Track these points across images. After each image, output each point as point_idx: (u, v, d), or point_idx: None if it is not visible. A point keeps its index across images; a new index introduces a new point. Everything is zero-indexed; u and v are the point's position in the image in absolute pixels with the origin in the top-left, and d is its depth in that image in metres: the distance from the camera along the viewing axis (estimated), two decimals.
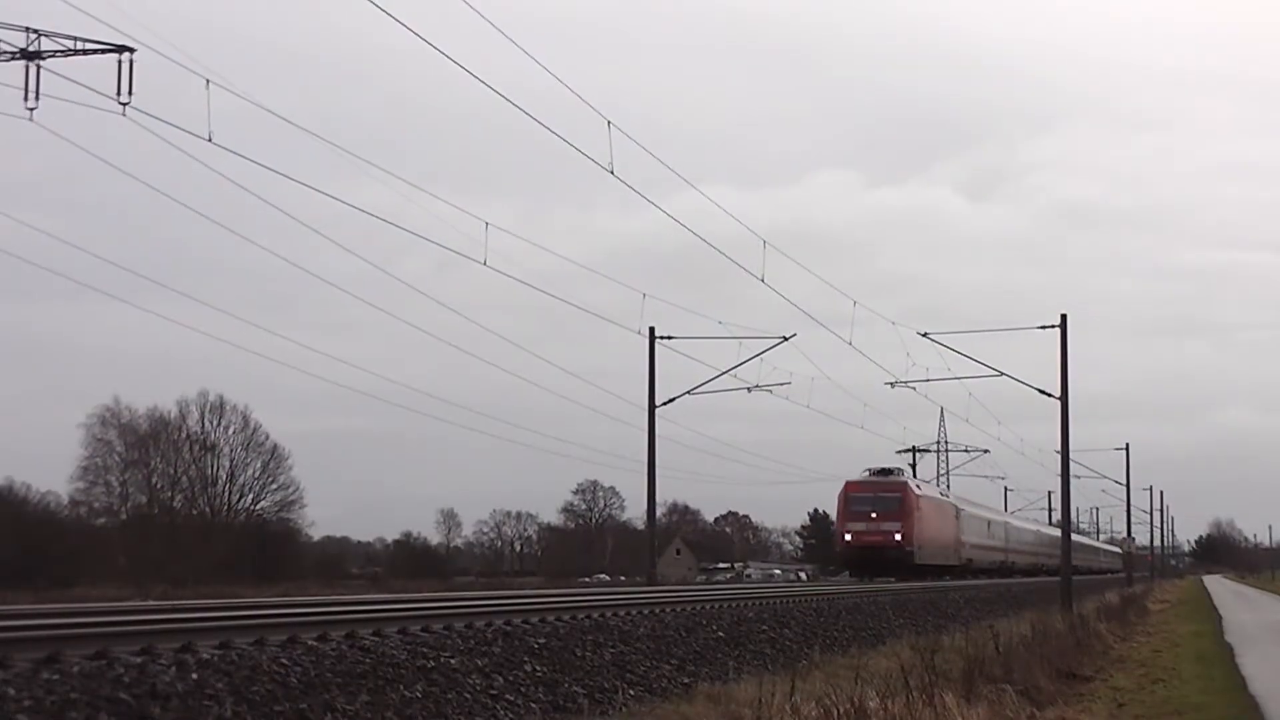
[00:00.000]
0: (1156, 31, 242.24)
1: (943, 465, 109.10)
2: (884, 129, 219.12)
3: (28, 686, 9.30)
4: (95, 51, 27.71)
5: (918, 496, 55.29)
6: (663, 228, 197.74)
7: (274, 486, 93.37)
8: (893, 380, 48.37)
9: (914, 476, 65.08)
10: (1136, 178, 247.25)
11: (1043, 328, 42.23)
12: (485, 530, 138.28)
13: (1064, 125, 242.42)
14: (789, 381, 47.51)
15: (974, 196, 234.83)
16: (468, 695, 13.20)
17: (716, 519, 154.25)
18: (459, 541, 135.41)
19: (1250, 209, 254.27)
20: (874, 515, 52.24)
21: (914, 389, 48.75)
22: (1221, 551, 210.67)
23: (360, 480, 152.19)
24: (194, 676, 10.54)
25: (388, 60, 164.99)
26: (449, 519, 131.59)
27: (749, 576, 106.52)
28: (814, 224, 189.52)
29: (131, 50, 26.87)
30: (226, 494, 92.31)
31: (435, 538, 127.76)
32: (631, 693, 15.72)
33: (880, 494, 53.46)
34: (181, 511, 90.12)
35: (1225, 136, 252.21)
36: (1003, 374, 44.16)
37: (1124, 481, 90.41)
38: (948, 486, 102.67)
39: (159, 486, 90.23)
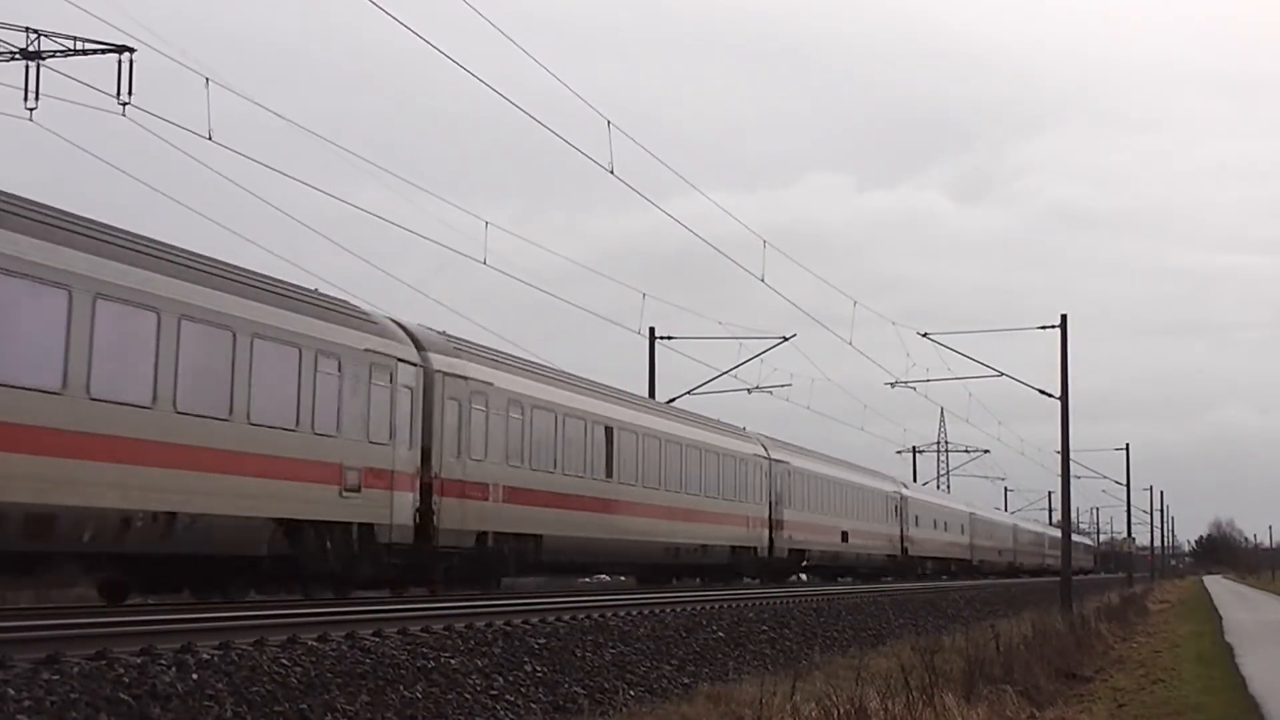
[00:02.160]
0: (1152, 31, 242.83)
1: (943, 465, 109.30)
2: (876, 131, 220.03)
3: (28, 686, 9.30)
4: (95, 51, 27.70)
5: None
6: (662, 228, 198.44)
7: None
8: (893, 380, 48.40)
9: None
10: (1131, 179, 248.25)
11: (1043, 328, 42.23)
12: None
13: (1058, 125, 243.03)
14: (790, 384, 47.02)
15: (967, 198, 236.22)
16: (468, 695, 13.20)
17: None
18: None
19: (1244, 210, 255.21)
20: None
21: (914, 389, 48.76)
22: (1222, 551, 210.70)
23: None
24: (194, 677, 10.54)
25: (388, 60, 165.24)
26: None
27: None
28: (809, 226, 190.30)
29: (131, 50, 26.86)
30: None
31: None
32: (631, 693, 15.73)
33: None
34: None
35: (1220, 137, 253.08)
36: (1003, 374, 44.20)
37: (1124, 481, 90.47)
38: (948, 487, 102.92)
39: None
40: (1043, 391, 42.42)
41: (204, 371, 18.00)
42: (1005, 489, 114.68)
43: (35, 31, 27.95)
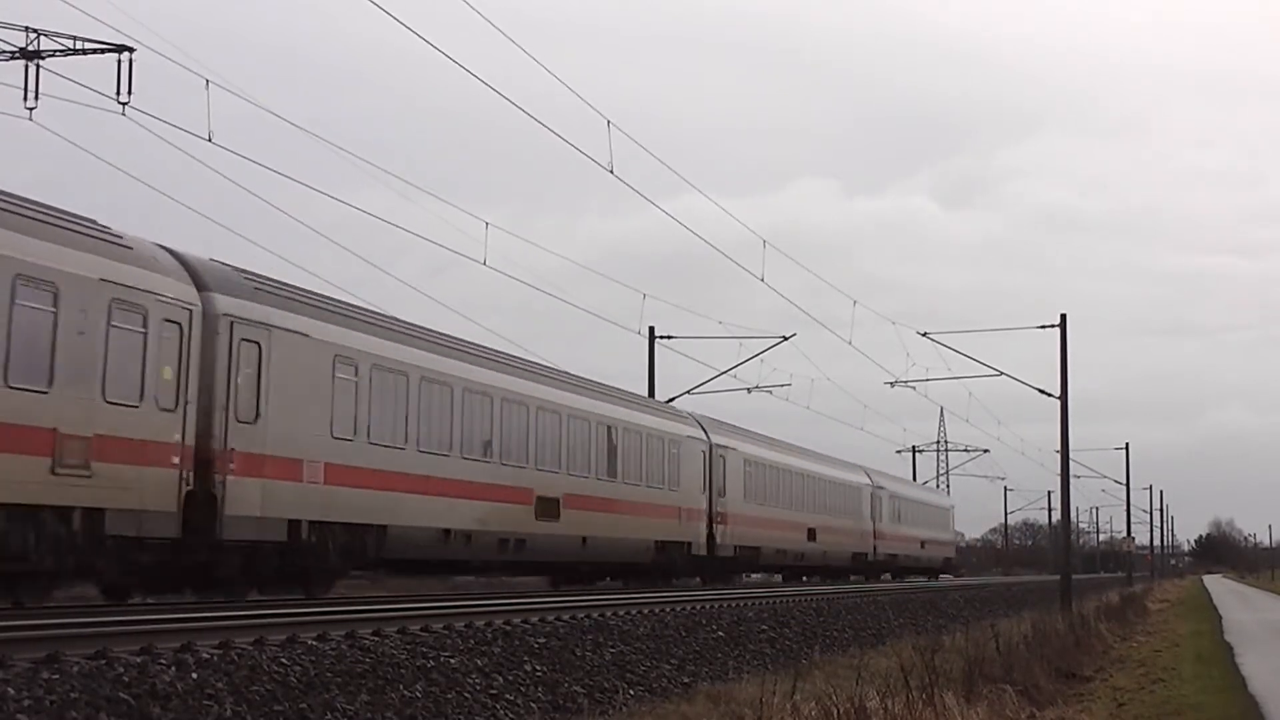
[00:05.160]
0: (1143, 34, 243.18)
1: (942, 465, 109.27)
2: (864, 134, 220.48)
3: (28, 686, 9.30)
4: (95, 51, 27.68)
5: None
6: (661, 228, 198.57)
7: None
8: (892, 380, 48.44)
9: None
10: (1120, 183, 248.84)
11: (1042, 327, 42.23)
12: None
13: (1045, 129, 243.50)
14: (789, 384, 47.56)
15: (956, 202, 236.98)
16: (468, 695, 13.20)
17: None
18: None
19: (1233, 214, 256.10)
20: None
21: (914, 389, 48.83)
22: (1222, 551, 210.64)
23: None
24: (194, 676, 10.54)
25: (388, 60, 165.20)
26: None
27: None
28: (800, 230, 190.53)
29: (131, 50, 26.85)
30: None
31: None
32: (632, 693, 15.73)
33: None
34: None
35: (1208, 141, 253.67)
36: (1002, 374, 44.19)
37: (1124, 481, 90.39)
38: (947, 487, 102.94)
39: None
40: (1042, 391, 42.43)
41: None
42: (1005, 489, 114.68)
43: (35, 31, 27.94)
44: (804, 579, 48.57)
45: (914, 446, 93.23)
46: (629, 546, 31.87)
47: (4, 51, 27.85)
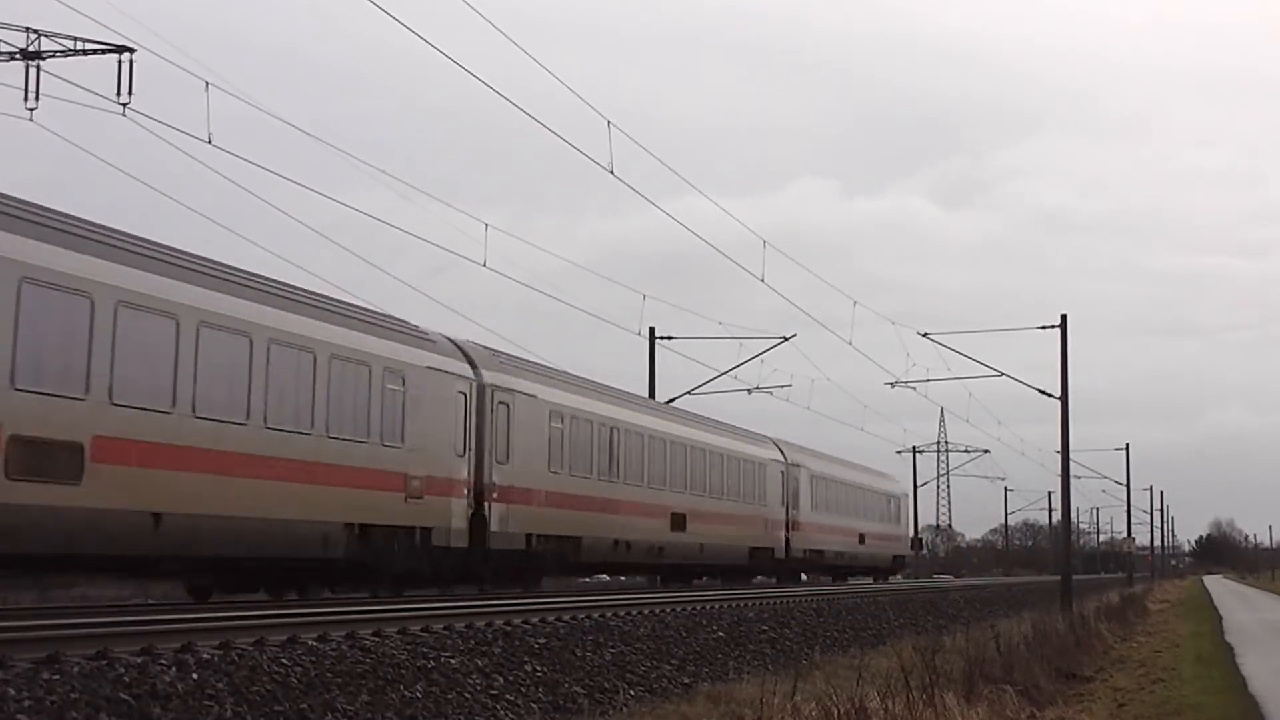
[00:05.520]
0: (1141, 35, 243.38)
1: (943, 465, 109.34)
2: (863, 134, 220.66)
3: (28, 686, 9.30)
4: (95, 52, 27.69)
5: None
6: (661, 229, 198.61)
7: None
8: (893, 380, 48.37)
9: None
10: (1120, 183, 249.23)
11: (1043, 328, 42.26)
12: None
13: (1043, 129, 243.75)
14: (790, 384, 47.19)
15: (954, 203, 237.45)
16: (468, 695, 13.20)
17: None
18: None
19: (1231, 214, 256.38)
20: None
21: (914, 389, 48.75)
22: (1222, 551, 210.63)
23: None
24: (194, 676, 10.54)
25: (388, 60, 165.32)
26: None
27: None
28: (799, 231, 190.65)
29: (131, 51, 26.86)
30: None
31: None
32: (632, 693, 15.73)
33: None
34: None
35: (1205, 142, 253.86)
36: (1003, 374, 44.22)
37: (1124, 481, 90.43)
38: (948, 487, 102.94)
39: None
40: (1043, 391, 42.46)
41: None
42: (1005, 489, 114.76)
43: (35, 31, 27.95)
44: (694, 581, 37.77)
45: (914, 447, 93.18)
46: (277, 532, 19.43)
47: (4, 52, 27.87)
